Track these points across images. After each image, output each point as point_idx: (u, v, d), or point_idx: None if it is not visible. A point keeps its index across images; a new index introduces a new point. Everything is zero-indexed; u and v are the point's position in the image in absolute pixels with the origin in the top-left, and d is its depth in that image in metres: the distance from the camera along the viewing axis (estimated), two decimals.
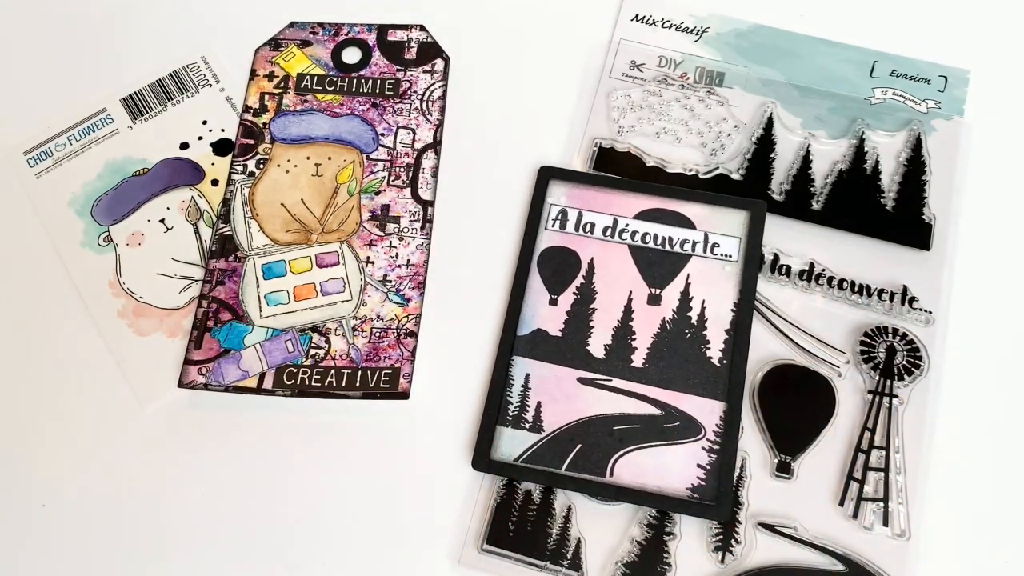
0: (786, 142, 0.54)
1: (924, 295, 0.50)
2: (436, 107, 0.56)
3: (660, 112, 0.55)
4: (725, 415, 0.47)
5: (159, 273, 0.53)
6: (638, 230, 0.52)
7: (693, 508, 0.45)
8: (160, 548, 0.48)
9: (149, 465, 0.49)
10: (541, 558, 0.46)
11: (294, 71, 0.58)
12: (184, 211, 0.54)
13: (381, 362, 0.50)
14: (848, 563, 0.45)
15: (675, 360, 0.49)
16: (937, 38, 0.57)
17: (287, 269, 0.52)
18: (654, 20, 0.58)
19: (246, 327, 0.51)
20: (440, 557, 0.47)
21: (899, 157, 0.53)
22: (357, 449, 0.49)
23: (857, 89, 0.55)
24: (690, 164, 0.54)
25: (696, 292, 0.50)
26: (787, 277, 0.51)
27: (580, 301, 0.50)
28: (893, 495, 0.46)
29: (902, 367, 0.48)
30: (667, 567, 0.45)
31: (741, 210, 0.51)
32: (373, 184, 0.54)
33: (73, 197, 0.55)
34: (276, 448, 0.49)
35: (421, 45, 0.58)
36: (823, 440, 0.47)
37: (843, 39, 0.56)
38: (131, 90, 0.58)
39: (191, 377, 0.50)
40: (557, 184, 0.53)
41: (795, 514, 0.46)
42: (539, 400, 0.48)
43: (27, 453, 0.50)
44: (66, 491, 0.49)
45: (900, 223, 0.51)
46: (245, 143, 0.56)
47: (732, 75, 0.56)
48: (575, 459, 0.47)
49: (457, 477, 0.48)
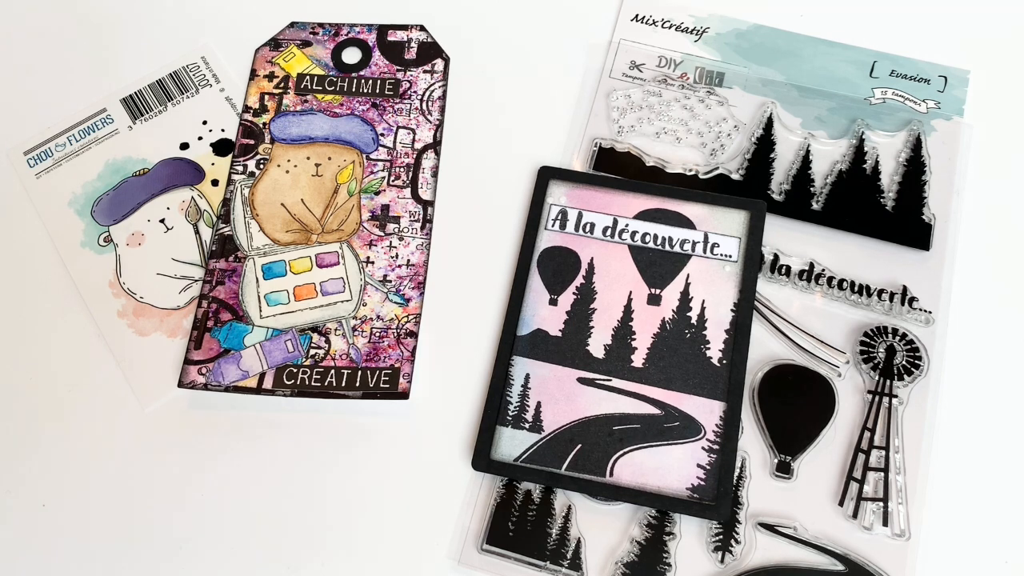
0: (786, 142, 0.54)
1: (924, 295, 0.50)
2: (436, 107, 0.56)
3: (660, 112, 0.55)
4: (725, 415, 0.47)
5: (159, 273, 0.53)
6: (638, 230, 0.52)
7: (693, 508, 0.45)
8: (160, 548, 0.48)
9: (149, 465, 0.49)
10: (541, 558, 0.46)
11: (294, 71, 0.58)
12: (184, 211, 0.54)
13: (381, 362, 0.50)
14: (848, 563, 0.45)
15: (675, 360, 0.49)
16: (937, 38, 0.57)
17: (287, 269, 0.52)
18: (654, 20, 0.58)
19: (246, 327, 0.51)
20: (440, 557, 0.47)
21: (899, 157, 0.53)
22: (357, 449, 0.49)
23: (857, 89, 0.55)
24: (690, 164, 0.54)
25: (696, 292, 0.50)
26: (787, 277, 0.51)
27: (580, 301, 0.50)
28: (893, 495, 0.46)
29: (902, 367, 0.48)
30: (667, 567, 0.45)
31: (741, 210, 0.51)
32: (373, 184, 0.54)
33: (73, 197, 0.55)
34: (276, 448, 0.49)
35: (421, 45, 0.58)
36: (823, 440, 0.47)
37: (843, 39, 0.56)
38: (131, 90, 0.58)
39: (191, 377, 0.50)
40: (557, 184, 0.53)
41: (795, 514, 0.46)
42: (539, 400, 0.48)
43: (27, 453, 0.50)
44: (66, 491, 0.49)
45: (900, 223, 0.51)
46: (245, 143, 0.56)
47: (732, 75, 0.56)
48: (575, 459, 0.47)
49: (457, 477, 0.48)
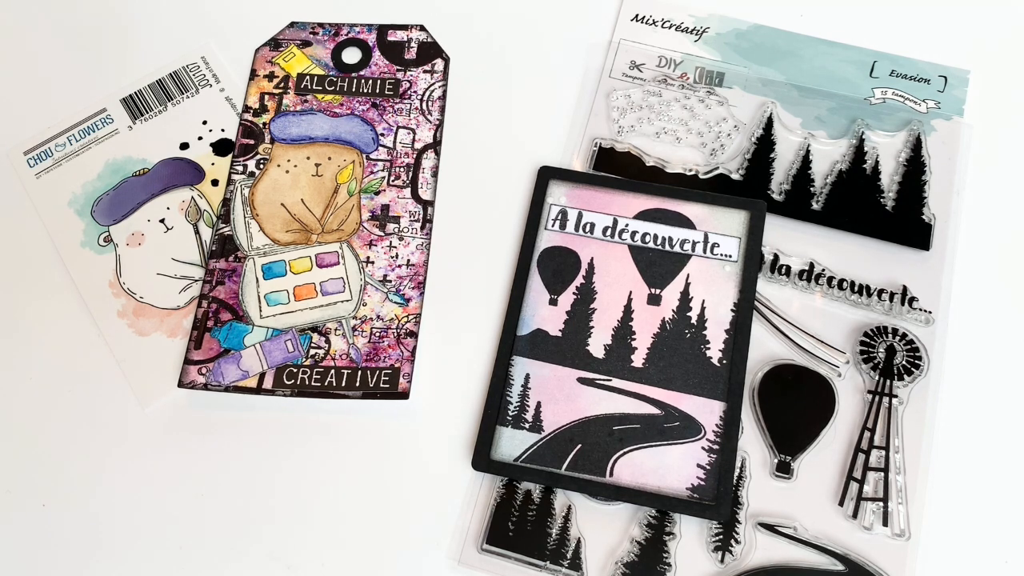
0: (786, 142, 0.54)
1: (924, 295, 0.50)
2: (436, 107, 0.56)
3: (660, 112, 0.55)
4: (725, 415, 0.47)
5: (159, 273, 0.53)
6: (638, 230, 0.52)
7: (693, 508, 0.45)
8: (160, 548, 0.48)
9: (149, 465, 0.49)
10: (541, 558, 0.46)
11: (294, 71, 0.58)
12: (184, 211, 0.54)
13: (381, 362, 0.50)
14: (848, 563, 0.45)
15: (675, 360, 0.49)
16: (937, 38, 0.57)
17: (287, 269, 0.52)
18: (654, 20, 0.58)
19: (246, 327, 0.51)
20: (440, 557, 0.47)
21: (899, 157, 0.53)
22: (357, 449, 0.49)
23: (857, 89, 0.55)
24: (690, 164, 0.54)
25: (696, 292, 0.50)
26: (787, 277, 0.51)
27: (580, 301, 0.50)
28: (893, 495, 0.46)
29: (902, 367, 0.48)
30: (667, 567, 0.45)
31: (741, 210, 0.51)
32: (373, 184, 0.54)
33: (73, 197, 0.55)
34: (276, 448, 0.49)
35: (421, 45, 0.58)
36: (823, 440, 0.47)
37: (843, 39, 0.56)
38: (131, 90, 0.58)
39: (191, 377, 0.50)
40: (557, 184, 0.53)
41: (795, 514, 0.46)
42: (539, 400, 0.48)
43: (27, 453, 0.50)
44: (66, 491, 0.49)
45: (900, 223, 0.51)
46: (245, 143, 0.56)
47: (732, 75, 0.56)
48: (575, 459, 0.47)
49: (457, 477, 0.48)
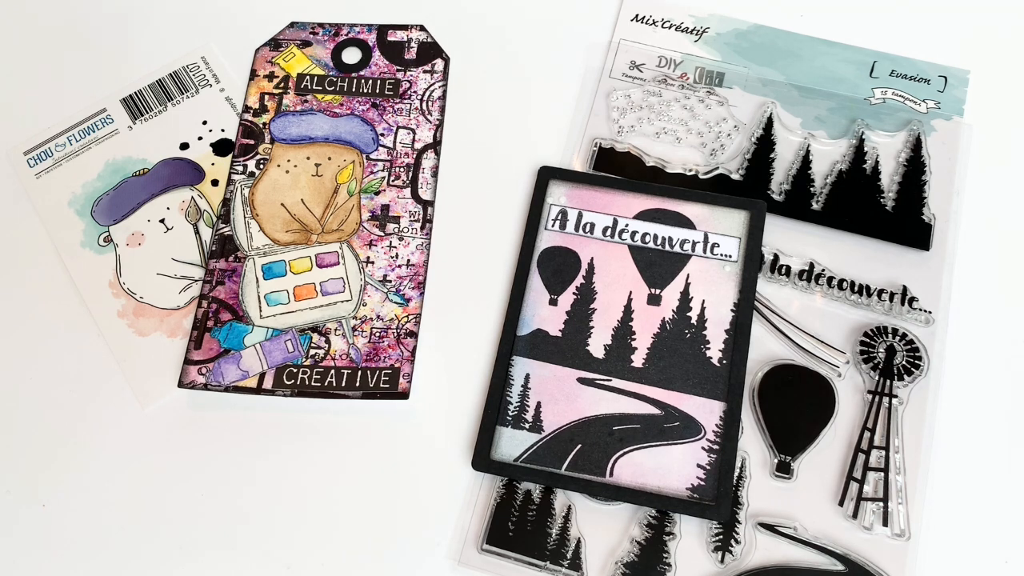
0: (786, 142, 0.54)
1: (924, 295, 0.50)
2: (436, 107, 0.56)
3: (660, 112, 0.55)
4: (725, 415, 0.47)
5: (159, 273, 0.53)
6: (638, 230, 0.52)
7: (693, 508, 0.45)
8: (160, 548, 0.48)
9: (149, 465, 0.49)
10: (541, 558, 0.46)
11: (294, 71, 0.58)
12: (184, 211, 0.54)
13: (381, 362, 0.50)
14: (848, 563, 0.45)
15: (675, 360, 0.49)
16: (937, 38, 0.57)
17: (287, 269, 0.52)
18: (654, 20, 0.58)
19: (246, 327, 0.51)
20: (440, 557, 0.47)
21: (899, 157, 0.53)
22: (357, 449, 0.49)
23: (857, 89, 0.55)
24: (690, 164, 0.54)
25: (696, 292, 0.50)
26: (787, 277, 0.51)
27: (580, 301, 0.50)
28: (893, 495, 0.46)
29: (902, 367, 0.48)
30: (667, 567, 0.45)
31: (741, 210, 0.51)
32: (373, 184, 0.54)
33: (73, 197, 0.55)
34: (276, 448, 0.49)
35: (421, 45, 0.58)
36: (823, 440, 0.47)
37: (843, 39, 0.56)
38: (131, 90, 0.58)
39: (191, 377, 0.50)
40: (557, 184, 0.53)
41: (795, 514, 0.46)
42: (539, 400, 0.48)
43: (27, 453, 0.50)
44: (66, 491, 0.49)
45: (900, 223, 0.51)
46: (245, 143, 0.56)
47: (732, 75, 0.56)
48: (575, 459, 0.47)
49: (457, 477, 0.48)
